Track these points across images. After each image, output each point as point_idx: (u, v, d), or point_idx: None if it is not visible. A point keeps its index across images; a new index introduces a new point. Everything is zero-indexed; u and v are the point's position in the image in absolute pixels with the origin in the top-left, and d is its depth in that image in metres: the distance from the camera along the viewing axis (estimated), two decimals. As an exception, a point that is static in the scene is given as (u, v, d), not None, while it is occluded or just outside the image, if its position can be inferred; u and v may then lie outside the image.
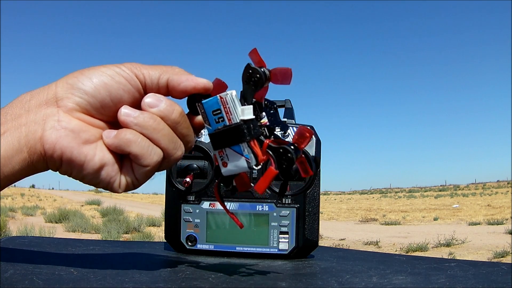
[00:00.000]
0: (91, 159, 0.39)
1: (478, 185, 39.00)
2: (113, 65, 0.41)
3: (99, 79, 0.39)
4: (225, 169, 0.42)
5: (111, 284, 0.40)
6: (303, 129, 0.39)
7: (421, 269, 0.51)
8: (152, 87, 0.41)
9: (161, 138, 0.40)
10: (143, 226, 8.06)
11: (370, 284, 0.43)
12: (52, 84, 0.40)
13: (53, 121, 0.38)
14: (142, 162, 0.40)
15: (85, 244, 0.67)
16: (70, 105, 0.38)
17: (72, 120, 0.38)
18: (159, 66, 0.42)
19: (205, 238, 0.61)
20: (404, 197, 26.39)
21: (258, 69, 0.40)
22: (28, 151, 0.38)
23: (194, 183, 0.62)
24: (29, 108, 0.38)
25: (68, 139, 0.38)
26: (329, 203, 21.58)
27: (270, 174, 0.39)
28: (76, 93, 0.39)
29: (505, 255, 5.03)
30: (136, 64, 0.41)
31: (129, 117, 0.39)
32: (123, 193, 0.42)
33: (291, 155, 0.39)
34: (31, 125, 0.38)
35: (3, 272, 0.42)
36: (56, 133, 0.38)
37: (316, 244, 0.62)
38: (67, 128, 0.38)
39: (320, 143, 0.62)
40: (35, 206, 12.84)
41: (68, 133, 0.38)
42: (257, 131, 0.40)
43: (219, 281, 0.43)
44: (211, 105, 0.40)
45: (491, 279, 0.46)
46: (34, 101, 0.39)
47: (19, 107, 0.38)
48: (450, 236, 6.20)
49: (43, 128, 0.38)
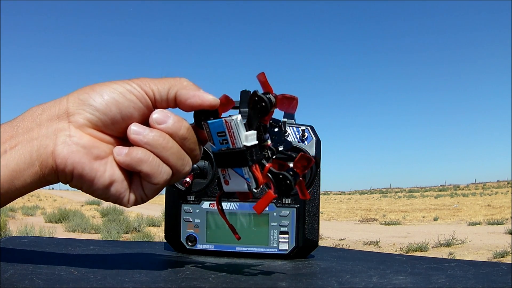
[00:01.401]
0: (101, 175, 0.39)
1: (478, 185, 39.00)
2: (123, 82, 0.41)
3: (110, 96, 0.39)
4: (227, 187, 0.43)
5: (111, 284, 0.40)
6: (305, 156, 0.40)
7: (421, 269, 0.51)
8: (161, 102, 0.41)
9: (170, 156, 0.40)
10: (143, 226, 8.07)
11: (370, 284, 0.43)
12: (64, 99, 0.40)
13: (65, 136, 0.38)
14: (152, 181, 0.40)
15: (85, 244, 0.67)
16: (81, 121, 0.39)
17: (84, 136, 0.39)
18: (167, 80, 0.42)
19: (205, 238, 0.61)
20: (404, 197, 26.40)
21: (264, 97, 0.39)
22: (40, 165, 0.38)
23: (194, 183, 0.62)
24: (41, 122, 0.39)
25: (80, 154, 0.38)
26: (329, 203, 21.58)
27: (268, 197, 0.40)
28: (87, 109, 0.39)
29: (505, 255, 5.03)
30: (145, 80, 0.41)
31: (138, 135, 0.40)
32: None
33: (289, 182, 0.39)
34: (43, 139, 0.38)
35: (3, 272, 0.42)
36: (68, 148, 0.38)
37: (316, 244, 0.62)
38: (79, 143, 0.38)
39: (320, 143, 0.62)
40: (35, 206, 12.84)
41: (79, 148, 0.38)
42: (259, 156, 0.41)
43: (219, 281, 0.43)
44: (216, 126, 0.40)
45: (491, 279, 0.46)
46: (46, 115, 0.39)
47: (30, 121, 0.39)
48: (450, 236, 6.20)
49: (55, 143, 0.38)
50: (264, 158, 0.41)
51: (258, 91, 0.40)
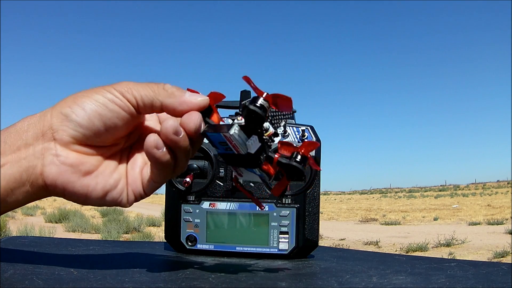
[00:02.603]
0: (93, 188, 0.40)
1: (478, 185, 38.98)
2: (104, 90, 0.39)
3: (91, 109, 0.39)
4: (242, 178, 0.44)
5: (111, 284, 0.40)
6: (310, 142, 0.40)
7: (421, 269, 0.51)
8: (145, 109, 0.40)
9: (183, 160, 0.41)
10: (143, 226, 8.07)
11: (370, 284, 0.43)
12: (48, 113, 0.39)
13: (52, 156, 0.38)
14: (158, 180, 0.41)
15: (85, 244, 0.67)
16: (65, 138, 0.39)
17: (70, 154, 0.39)
18: (150, 86, 0.40)
19: (205, 238, 0.61)
20: (404, 197, 26.39)
21: (255, 109, 0.38)
22: (31, 185, 0.39)
23: (194, 183, 0.62)
24: (27, 140, 0.38)
25: (68, 174, 0.39)
26: (329, 203, 21.58)
27: (284, 183, 0.41)
28: (71, 126, 0.39)
29: (505, 255, 5.03)
30: (127, 86, 0.40)
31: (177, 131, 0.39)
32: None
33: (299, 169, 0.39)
34: (31, 159, 0.38)
35: (3, 272, 0.42)
36: (56, 168, 0.38)
37: (316, 244, 0.62)
38: (66, 163, 0.39)
39: (320, 143, 0.62)
40: (35, 206, 12.84)
41: (67, 168, 0.39)
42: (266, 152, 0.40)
43: (219, 281, 0.43)
44: (216, 138, 0.40)
45: (491, 279, 0.46)
46: (31, 132, 0.39)
47: (17, 137, 0.38)
48: (450, 236, 6.20)
49: (43, 163, 0.38)
50: (270, 151, 0.41)
51: (247, 103, 0.39)
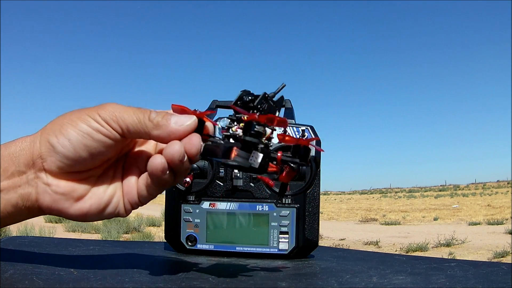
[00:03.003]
0: (88, 210, 0.42)
1: (478, 185, 38.96)
2: (89, 117, 0.39)
3: (77, 140, 0.39)
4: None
5: (111, 284, 0.40)
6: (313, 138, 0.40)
7: (421, 269, 0.51)
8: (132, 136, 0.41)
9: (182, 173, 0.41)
10: (143, 226, 8.07)
11: (370, 284, 0.43)
12: (37, 139, 0.40)
13: (44, 185, 0.40)
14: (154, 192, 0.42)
15: (85, 244, 0.67)
16: (54, 169, 0.40)
17: (60, 183, 0.41)
18: (136, 114, 0.40)
19: (205, 238, 0.61)
20: (404, 197, 26.39)
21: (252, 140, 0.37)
22: (27, 210, 0.41)
23: (194, 183, 0.62)
24: (19, 167, 0.40)
25: (62, 201, 0.41)
26: (329, 203, 21.58)
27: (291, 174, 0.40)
28: (57, 157, 0.40)
29: (505, 255, 5.03)
30: (112, 113, 0.39)
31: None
32: None
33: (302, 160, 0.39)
34: (25, 186, 0.40)
35: (3, 272, 0.42)
36: (49, 197, 0.40)
37: (316, 244, 0.62)
38: (58, 192, 0.40)
39: (320, 143, 0.62)
40: (35, 206, 12.82)
41: (60, 196, 0.41)
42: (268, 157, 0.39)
43: (219, 281, 0.43)
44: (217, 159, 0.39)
45: (491, 279, 0.46)
46: (23, 159, 0.40)
47: (10, 163, 0.40)
48: (450, 236, 6.21)
49: (37, 192, 0.40)
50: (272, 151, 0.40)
51: (242, 135, 0.38)
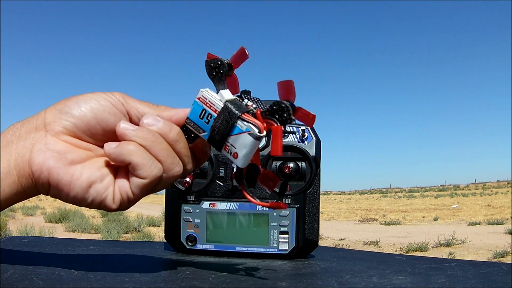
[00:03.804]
0: (78, 178, 0.39)
1: (478, 185, 38.98)
2: (101, 92, 0.42)
3: (85, 102, 0.41)
4: (238, 159, 0.40)
5: (111, 284, 0.40)
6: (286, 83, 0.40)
7: (421, 269, 0.51)
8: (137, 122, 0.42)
9: (159, 151, 0.40)
10: (143, 226, 8.07)
11: (370, 284, 0.43)
12: (42, 111, 0.41)
13: (40, 144, 0.39)
14: (141, 173, 0.39)
15: (85, 244, 0.67)
16: (57, 129, 0.40)
17: (59, 142, 0.40)
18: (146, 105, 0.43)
19: (205, 238, 0.61)
20: (404, 197, 26.40)
21: (214, 61, 0.41)
22: (17, 174, 0.39)
23: (194, 183, 0.62)
24: (20, 134, 0.40)
25: (54, 160, 0.39)
26: (329, 203, 21.58)
27: (277, 132, 0.38)
28: (64, 117, 0.40)
29: (505, 255, 5.03)
30: (125, 95, 0.43)
31: (127, 130, 0.40)
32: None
33: (286, 107, 0.38)
34: (21, 149, 0.39)
35: (3, 272, 0.42)
36: (43, 155, 0.39)
37: (316, 244, 0.62)
38: (53, 149, 0.39)
39: (320, 143, 0.62)
40: (35, 206, 12.84)
41: (54, 154, 0.39)
42: (244, 107, 0.41)
43: (219, 281, 0.43)
44: (195, 111, 0.41)
45: (491, 279, 0.46)
46: (25, 128, 0.40)
47: (11, 134, 0.40)
48: (450, 236, 6.21)
49: (31, 151, 0.39)
50: (251, 110, 0.41)
51: (208, 60, 0.42)
